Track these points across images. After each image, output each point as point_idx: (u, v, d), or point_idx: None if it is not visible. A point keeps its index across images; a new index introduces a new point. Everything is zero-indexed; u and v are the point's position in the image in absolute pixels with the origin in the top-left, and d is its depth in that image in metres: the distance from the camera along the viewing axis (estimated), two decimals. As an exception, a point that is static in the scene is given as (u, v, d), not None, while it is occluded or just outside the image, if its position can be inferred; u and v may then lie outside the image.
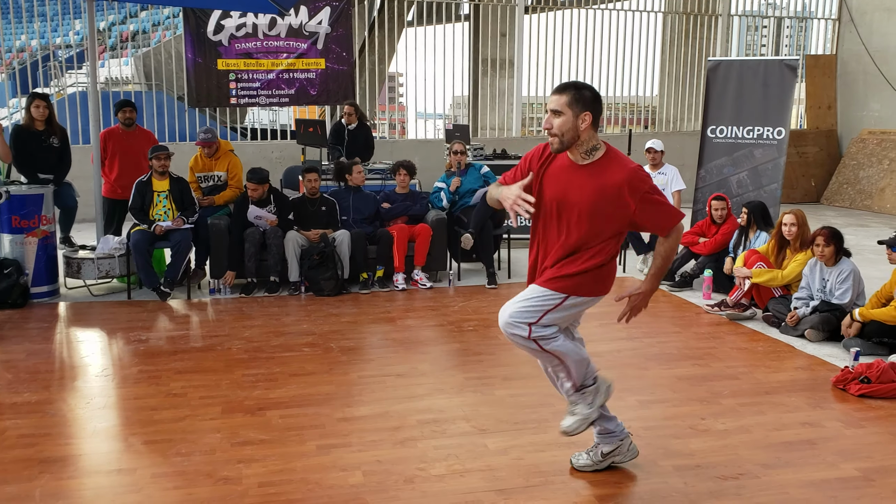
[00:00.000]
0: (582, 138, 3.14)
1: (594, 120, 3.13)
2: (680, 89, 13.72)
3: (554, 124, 3.12)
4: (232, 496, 3.31)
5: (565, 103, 3.11)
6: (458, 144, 7.73)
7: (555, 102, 3.14)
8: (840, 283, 5.58)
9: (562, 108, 3.12)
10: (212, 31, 10.27)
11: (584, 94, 3.12)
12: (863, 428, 4.05)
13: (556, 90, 3.18)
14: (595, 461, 3.55)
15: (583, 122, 3.11)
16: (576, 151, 3.19)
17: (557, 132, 3.13)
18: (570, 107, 3.11)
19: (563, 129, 3.12)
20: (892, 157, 12.17)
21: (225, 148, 7.48)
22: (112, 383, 4.68)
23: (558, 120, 3.12)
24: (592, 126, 3.14)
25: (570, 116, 3.10)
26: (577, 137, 3.14)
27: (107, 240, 6.97)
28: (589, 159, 3.19)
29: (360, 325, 5.94)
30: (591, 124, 3.13)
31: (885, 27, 12.78)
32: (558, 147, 3.17)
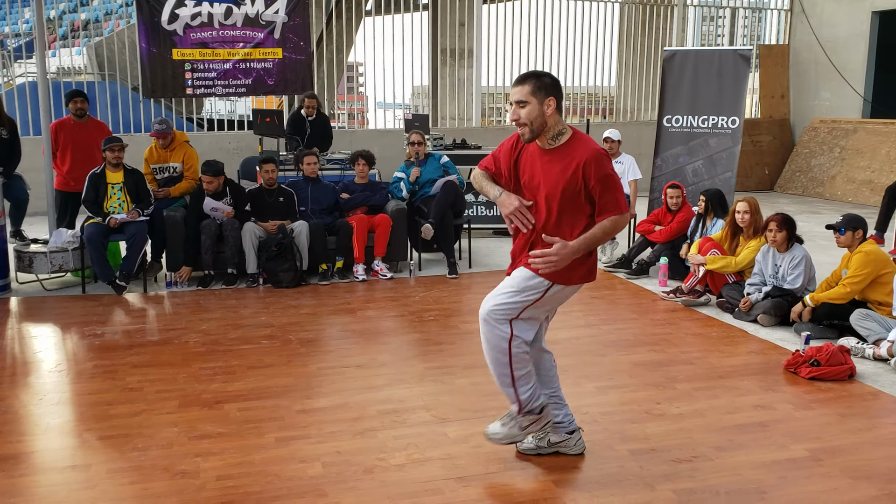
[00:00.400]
0: (549, 124, 3.21)
1: (558, 104, 3.21)
2: (637, 79, 13.86)
3: (521, 115, 3.19)
4: (189, 490, 3.28)
5: (529, 92, 3.18)
6: (416, 135, 7.70)
7: (518, 93, 3.19)
8: (792, 269, 5.71)
9: (526, 97, 3.18)
10: (166, 20, 10.08)
11: (544, 81, 3.20)
12: (812, 410, 4.16)
13: (517, 81, 3.23)
14: (540, 446, 3.59)
15: (548, 108, 3.18)
16: (543, 138, 3.26)
17: (526, 121, 3.19)
18: (533, 95, 3.17)
19: (530, 118, 3.18)
20: (842, 146, 12.45)
21: (180, 139, 7.38)
22: (66, 379, 4.60)
23: (524, 110, 3.18)
24: (557, 110, 3.21)
25: (536, 104, 3.17)
26: (545, 124, 3.21)
27: (60, 233, 6.84)
28: (555, 143, 3.25)
29: (319, 316, 5.92)
30: (556, 109, 3.20)
31: (835, 18, 13.05)
32: (529, 136, 3.23)
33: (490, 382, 4.49)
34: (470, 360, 4.91)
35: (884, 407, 4.24)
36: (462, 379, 4.59)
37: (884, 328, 5.03)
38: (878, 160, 11.76)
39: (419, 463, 3.53)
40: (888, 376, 4.66)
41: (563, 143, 3.25)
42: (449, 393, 4.38)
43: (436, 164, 7.67)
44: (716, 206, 6.76)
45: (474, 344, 5.23)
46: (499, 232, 9.14)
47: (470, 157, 9.22)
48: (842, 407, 4.20)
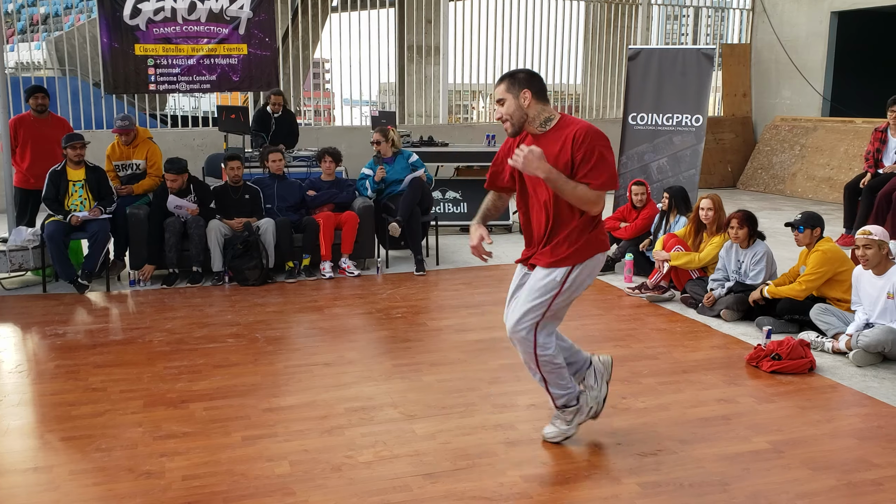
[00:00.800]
0: (531, 115, 3.38)
1: (535, 94, 3.36)
2: (602, 77, 13.97)
3: (502, 112, 3.40)
4: (154, 490, 3.25)
5: (504, 90, 3.37)
6: (377, 133, 7.62)
7: (498, 93, 3.40)
8: (754, 265, 5.80)
9: (503, 94, 3.38)
10: (128, 14, 9.94)
11: (518, 77, 3.38)
12: (774, 403, 4.24)
13: (497, 83, 3.44)
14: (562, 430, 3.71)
15: (525, 100, 3.35)
16: (531, 126, 3.42)
17: (506, 117, 3.39)
18: (509, 91, 3.36)
19: (510, 112, 3.38)
20: (802, 143, 12.68)
21: (143, 135, 7.28)
22: (27, 379, 4.52)
23: (504, 106, 3.38)
24: (536, 100, 3.37)
25: (512, 99, 3.36)
26: (525, 116, 3.38)
27: (19, 231, 6.72)
28: (545, 128, 3.41)
29: (285, 314, 5.89)
30: (534, 98, 3.36)
31: (795, 17, 13.28)
32: (512, 130, 3.43)
33: (457, 379, 4.53)
34: (437, 357, 4.92)
35: (842, 399, 4.34)
36: (429, 376, 4.60)
37: (842, 322, 5.14)
38: (837, 158, 11.99)
39: (387, 460, 3.53)
40: (847, 369, 4.76)
41: (552, 127, 3.39)
42: (416, 390, 4.39)
43: (404, 163, 7.63)
44: (679, 203, 6.85)
45: (441, 341, 5.26)
46: (466, 229, 9.16)
47: (437, 154, 9.23)
48: (802, 400, 4.29)
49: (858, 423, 4.00)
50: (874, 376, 4.66)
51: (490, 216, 3.75)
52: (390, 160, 7.58)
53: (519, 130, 3.43)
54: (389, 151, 7.56)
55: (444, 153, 9.40)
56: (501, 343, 5.16)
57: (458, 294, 6.51)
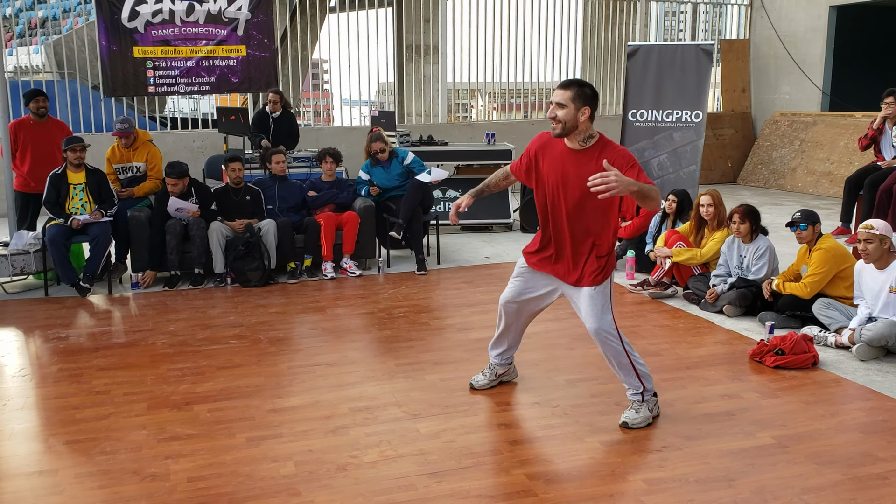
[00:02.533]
0: (580, 129, 3.62)
1: (592, 114, 3.62)
2: (601, 74, 13.96)
3: (558, 115, 3.60)
4: (160, 493, 3.25)
5: (569, 98, 3.58)
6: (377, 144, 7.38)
7: (560, 96, 3.60)
8: (756, 260, 5.80)
9: (566, 101, 3.58)
10: (126, 17, 9.94)
11: (585, 91, 3.60)
12: (777, 398, 4.24)
13: (562, 86, 3.64)
14: (490, 380, 4.33)
15: (582, 115, 3.59)
16: (574, 139, 3.67)
17: (562, 121, 3.60)
18: (572, 101, 3.58)
19: (565, 119, 3.59)
20: (802, 138, 12.67)
21: (143, 138, 7.28)
22: (30, 383, 4.53)
23: (562, 112, 3.59)
24: (590, 119, 3.62)
25: (573, 109, 3.58)
26: (576, 127, 3.61)
27: (21, 235, 6.72)
28: (586, 145, 3.67)
29: (288, 315, 5.89)
30: (589, 118, 3.62)
31: (793, 12, 13.27)
32: (560, 132, 3.64)
33: (460, 378, 4.53)
34: (440, 356, 4.93)
35: (846, 393, 4.33)
36: (432, 375, 4.60)
37: (845, 317, 5.13)
38: (837, 152, 11.99)
39: (392, 459, 3.53)
40: (850, 363, 4.76)
41: (592, 145, 3.66)
42: (420, 389, 4.39)
43: (399, 167, 7.47)
44: (685, 209, 6.78)
45: (444, 340, 5.27)
46: (467, 228, 9.16)
47: (437, 153, 9.22)
48: (806, 394, 4.29)
49: (863, 417, 4.00)
50: (878, 370, 4.66)
51: (487, 192, 4.23)
52: (386, 164, 7.46)
53: (564, 136, 3.65)
54: (386, 154, 7.49)
55: (444, 152, 9.40)
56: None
57: (459, 293, 6.51)
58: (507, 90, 13.87)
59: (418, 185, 7.32)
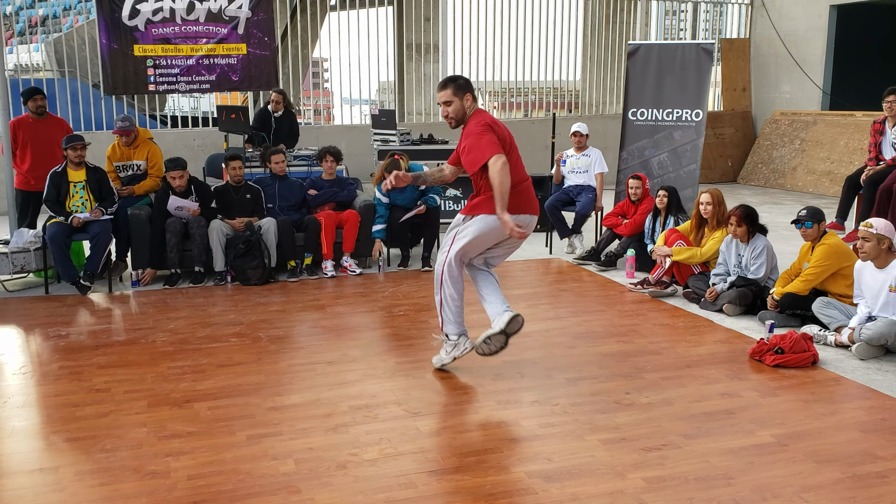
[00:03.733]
0: (468, 114, 4.25)
1: (473, 96, 4.25)
2: (602, 73, 13.96)
3: (449, 111, 4.24)
4: (160, 490, 3.25)
5: (450, 94, 4.20)
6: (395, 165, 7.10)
7: (442, 97, 4.23)
8: (755, 259, 5.81)
9: (449, 98, 4.21)
10: (127, 15, 9.93)
11: (459, 83, 4.21)
12: (777, 396, 4.24)
13: (439, 88, 4.25)
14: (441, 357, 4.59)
15: (467, 101, 4.24)
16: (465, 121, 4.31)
17: (453, 116, 4.24)
18: (455, 95, 4.20)
19: (456, 113, 4.24)
20: (802, 138, 12.67)
21: (143, 136, 7.28)
22: (31, 381, 4.53)
23: (451, 108, 4.23)
24: (473, 100, 4.26)
25: (458, 102, 4.21)
26: (465, 114, 4.25)
27: (21, 233, 6.72)
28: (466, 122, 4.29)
29: (288, 313, 5.89)
30: (473, 100, 4.25)
31: (794, 11, 13.27)
32: (455, 125, 4.28)
33: (461, 376, 4.53)
34: (441, 355, 4.92)
35: (846, 392, 4.34)
36: (432, 373, 4.60)
37: (845, 316, 5.14)
38: (837, 151, 11.99)
39: (392, 457, 3.53)
40: (849, 362, 4.77)
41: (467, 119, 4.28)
42: (420, 387, 4.39)
43: (414, 192, 7.34)
44: (675, 203, 6.82)
45: (445, 338, 5.25)
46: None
47: (436, 152, 9.22)
48: (805, 393, 4.29)
49: (862, 415, 4.00)
50: (877, 369, 4.66)
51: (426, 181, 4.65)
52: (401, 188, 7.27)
53: (462, 125, 4.27)
54: None
55: (444, 151, 9.40)
56: (504, 340, 5.16)
57: (460, 291, 6.50)
58: (507, 89, 13.87)
59: (436, 216, 7.36)
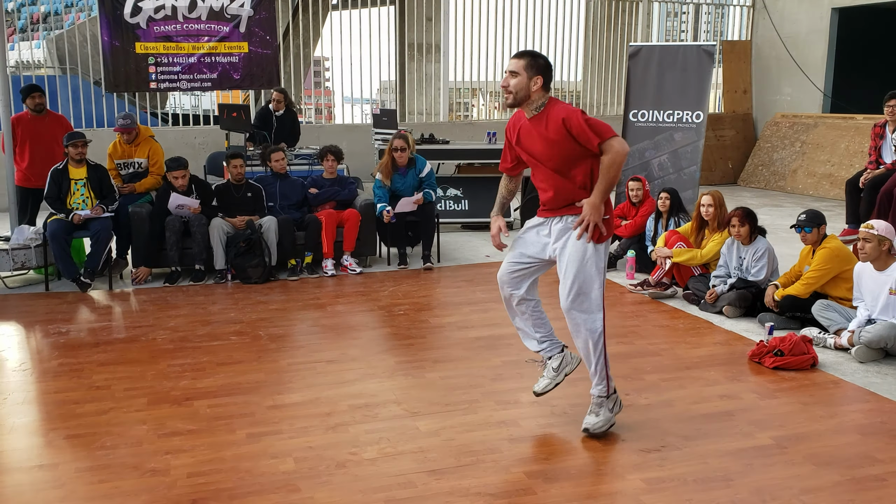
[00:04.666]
0: (532, 98, 3.63)
1: (545, 83, 3.63)
2: (603, 74, 13.97)
3: (510, 83, 3.62)
4: (160, 488, 3.26)
5: (522, 66, 3.61)
6: (399, 140, 7.23)
7: (512, 65, 3.63)
8: (755, 261, 5.81)
9: (518, 69, 3.60)
10: (129, 13, 9.93)
11: (538, 62, 3.63)
12: (776, 399, 4.24)
13: (516, 55, 3.68)
14: (551, 378, 3.93)
15: (534, 85, 3.60)
16: (527, 108, 3.67)
17: (512, 90, 3.62)
18: (525, 70, 3.60)
19: (517, 88, 3.61)
20: (803, 140, 12.67)
21: (145, 134, 7.28)
22: (31, 378, 4.53)
23: (514, 80, 3.61)
24: (543, 88, 3.63)
25: (525, 78, 3.60)
26: (528, 97, 3.62)
27: (21, 230, 6.72)
28: (535, 112, 3.67)
29: (288, 312, 5.89)
30: (542, 87, 3.62)
31: (796, 14, 13.27)
32: (511, 102, 3.67)
33: (460, 376, 4.53)
34: (440, 354, 4.93)
35: (845, 395, 4.34)
36: (432, 373, 4.61)
37: (845, 318, 5.14)
38: (838, 154, 11.99)
39: (391, 457, 3.54)
40: (849, 365, 4.77)
41: (542, 109, 3.65)
42: (420, 387, 4.39)
43: (414, 179, 7.36)
44: (677, 205, 6.82)
45: (444, 338, 5.28)
46: (467, 227, 9.16)
47: (438, 151, 9.23)
48: (805, 395, 4.30)
49: (861, 418, 4.01)
50: (876, 372, 4.67)
51: (506, 203, 4.11)
52: (404, 170, 7.36)
53: (516, 105, 3.68)
54: (406, 159, 7.37)
55: (445, 151, 9.41)
56: (504, 340, 5.17)
57: (459, 291, 6.52)
58: (508, 89, 13.86)
59: (432, 211, 7.32)
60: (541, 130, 3.63)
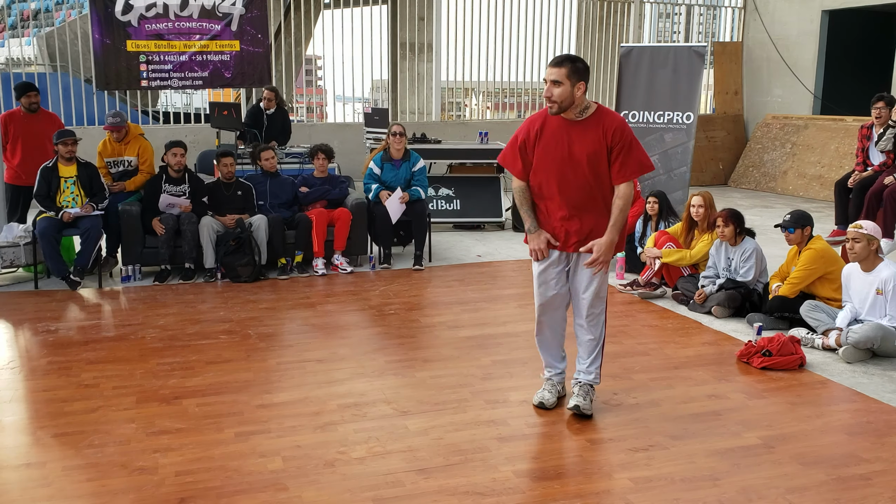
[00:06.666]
0: (576, 103, 3.67)
1: (586, 87, 3.67)
2: (595, 74, 14.00)
3: (554, 93, 3.62)
4: (148, 486, 3.25)
5: (564, 75, 3.60)
6: (398, 125, 7.35)
7: (554, 74, 3.61)
8: (744, 262, 5.84)
9: (561, 78, 3.60)
10: (120, 11, 9.92)
11: (578, 66, 3.63)
12: (764, 399, 4.27)
13: (554, 63, 3.64)
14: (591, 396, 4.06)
15: (578, 91, 3.63)
16: (570, 112, 3.70)
17: (557, 100, 3.63)
18: (568, 78, 3.60)
19: (562, 97, 3.62)
20: (793, 141, 12.73)
21: (135, 132, 7.26)
22: (19, 376, 4.52)
23: (558, 90, 3.61)
24: (585, 93, 3.67)
25: (569, 87, 3.61)
26: (573, 103, 3.66)
27: (11, 227, 6.70)
28: (582, 116, 3.70)
29: (278, 311, 5.89)
30: (584, 92, 3.67)
31: (786, 16, 13.33)
32: (556, 110, 3.67)
33: (449, 376, 4.54)
34: (430, 354, 4.94)
35: (832, 395, 4.37)
36: (422, 372, 4.62)
37: (832, 319, 5.17)
38: (828, 155, 12.05)
39: (380, 456, 3.54)
40: (836, 365, 4.80)
41: (590, 115, 3.70)
42: (409, 386, 4.40)
43: (407, 172, 7.41)
44: (666, 208, 6.84)
45: (434, 337, 5.28)
46: (459, 226, 9.17)
47: (430, 151, 9.23)
48: (792, 396, 4.32)
49: (848, 418, 4.03)
50: (863, 372, 4.70)
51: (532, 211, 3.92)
52: (398, 162, 7.40)
53: (560, 113, 3.68)
54: (401, 151, 7.40)
55: (437, 150, 9.41)
56: (494, 339, 5.18)
57: (450, 291, 6.52)
58: (500, 89, 13.89)
59: (422, 209, 7.34)
60: (589, 135, 3.66)
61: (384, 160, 7.43)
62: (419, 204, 7.33)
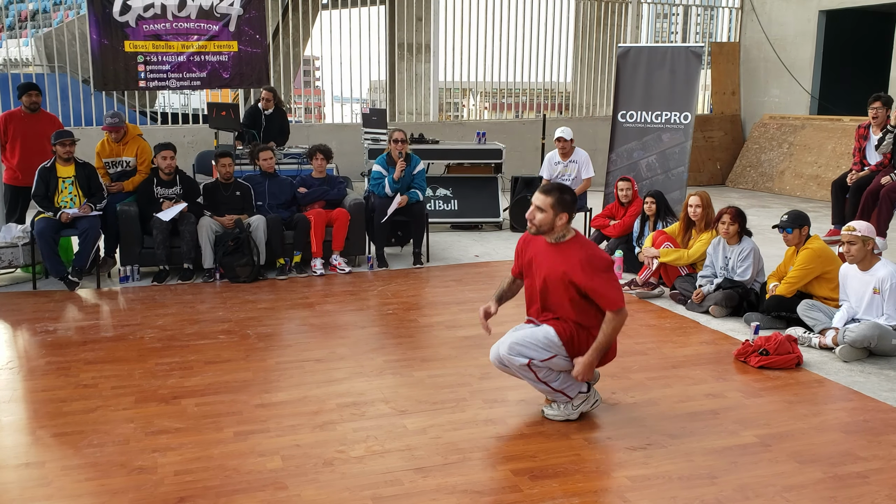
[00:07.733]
0: (556, 229, 3.77)
1: (569, 218, 3.77)
2: (593, 75, 14.01)
3: (536, 217, 3.76)
4: (147, 485, 3.26)
5: (549, 204, 3.73)
6: (400, 132, 7.36)
7: (540, 201, 3.75)
8: (741, 262, 5.85)
9: (545, 207, 3.73)
10: (118, 11, 9.91)
11: (564, 199, 3.74)
12: (761, 397, 4.28)
13: (543, 191, 3.78)
14: (566, 413, 3.94)
15: (559, 220, 3.75)
16: (550, 236, 3.82)
17: (537, 224, 3.77)
18: (552, 207, 3.72)
19: (542, 223, 3.76)
20: (791, 141, 12.76)
21: (133, 132, 7.26)
22: (18, 376, 4.52)
23: (540, 216, 3.75)
24: (568, 222, 3.78)
25: (551, 215, 3.73)
26: (552, 229, 3.76)
27: (9, 228, 6.70)
28: (559, 242, 3.81)
29: (277, 311, 5.90)
30: (566, 222, 3.77)
31: (783, 16, 13.36)
32: (535, 232, 3.83)
33: (447, 375, 4.56)
34: (428, 353, 4.95)
35: (829, 394, 4.39)
36: (420, 371, 4.63)
37: (829, 318, 5.19)
38: (825, 156, 12.08)
39: (379, 455, 3.55)
40: (833, 364, 4.82)
41: (565, 242, 3.80)
42: (408, 385, 4.41)
43: (408, 174, 7.40)
44: (663, 208, 6.87)
45: (432, 337, 5.30)
46: (456, 226, 9.18)
47: (428, 151, 9.24)
48: (789, 394, 4.34)
49: (845, 417, 4.05)
50: (860, 371, 4.71)
51: (504, 299, 4.19)
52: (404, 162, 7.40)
53: (538, 234, 3.83)
54: (405, 153, 7.39)
55: (435, 150, 9.42)
56: (491, 339, 5.18)
57: (448, 290, 6.53)
58: (498, 90, 13.90)
59: (420, 210, 7.35)
60: (559, 259, 3.77)
61: (388, 164, 7.42)
62: (417, 205, 7.34)
